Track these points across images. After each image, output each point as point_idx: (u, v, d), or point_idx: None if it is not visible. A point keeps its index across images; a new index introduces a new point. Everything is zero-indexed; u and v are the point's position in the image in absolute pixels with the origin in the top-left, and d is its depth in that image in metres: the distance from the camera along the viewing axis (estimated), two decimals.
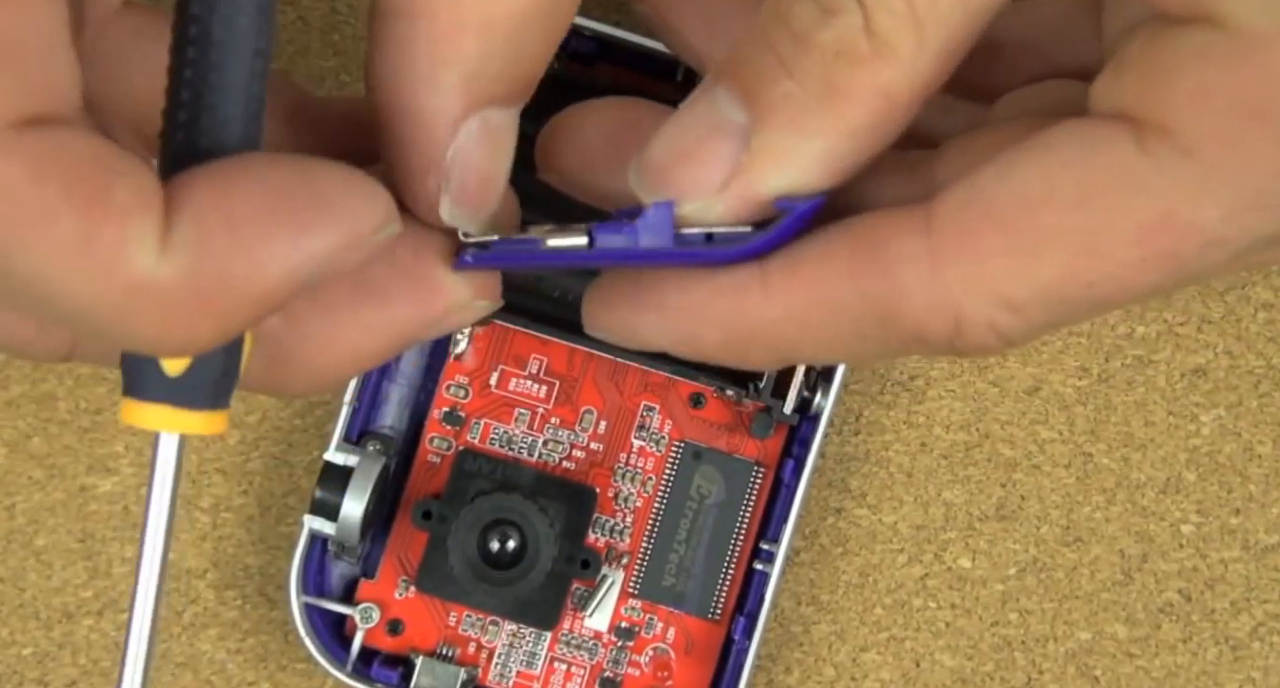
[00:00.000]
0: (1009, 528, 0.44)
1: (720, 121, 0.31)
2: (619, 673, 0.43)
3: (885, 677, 0.44)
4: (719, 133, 0.31)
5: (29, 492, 0.44)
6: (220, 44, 0.29)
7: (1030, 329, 0.31)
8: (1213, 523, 0.44)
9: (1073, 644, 0.44)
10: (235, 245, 0.28)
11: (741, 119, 0.30)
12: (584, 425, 0.43)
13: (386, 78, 0.31)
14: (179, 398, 0.29)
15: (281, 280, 0.28)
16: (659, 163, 0.31)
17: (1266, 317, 0.44)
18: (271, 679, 0.44)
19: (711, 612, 0.43)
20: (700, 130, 0.31)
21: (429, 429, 0.43)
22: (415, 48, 0.30)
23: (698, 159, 0.31)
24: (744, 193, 0.31)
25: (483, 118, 0.31)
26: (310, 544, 0.42)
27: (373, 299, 0.33)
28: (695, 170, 0.31)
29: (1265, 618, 0.44)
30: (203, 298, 0.28)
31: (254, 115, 0.29)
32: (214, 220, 0.28)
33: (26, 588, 0.44)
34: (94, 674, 0.44)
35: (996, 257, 0.30)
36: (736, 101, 0.30)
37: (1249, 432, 0.44)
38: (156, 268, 0.28)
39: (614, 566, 0.43)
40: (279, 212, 0.28)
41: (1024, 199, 0.30)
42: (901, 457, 0.44)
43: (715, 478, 0.43)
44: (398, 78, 0.30)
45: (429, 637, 0.42)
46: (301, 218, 0.28)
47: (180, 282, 0.28)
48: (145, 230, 0.27)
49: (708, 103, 0.31)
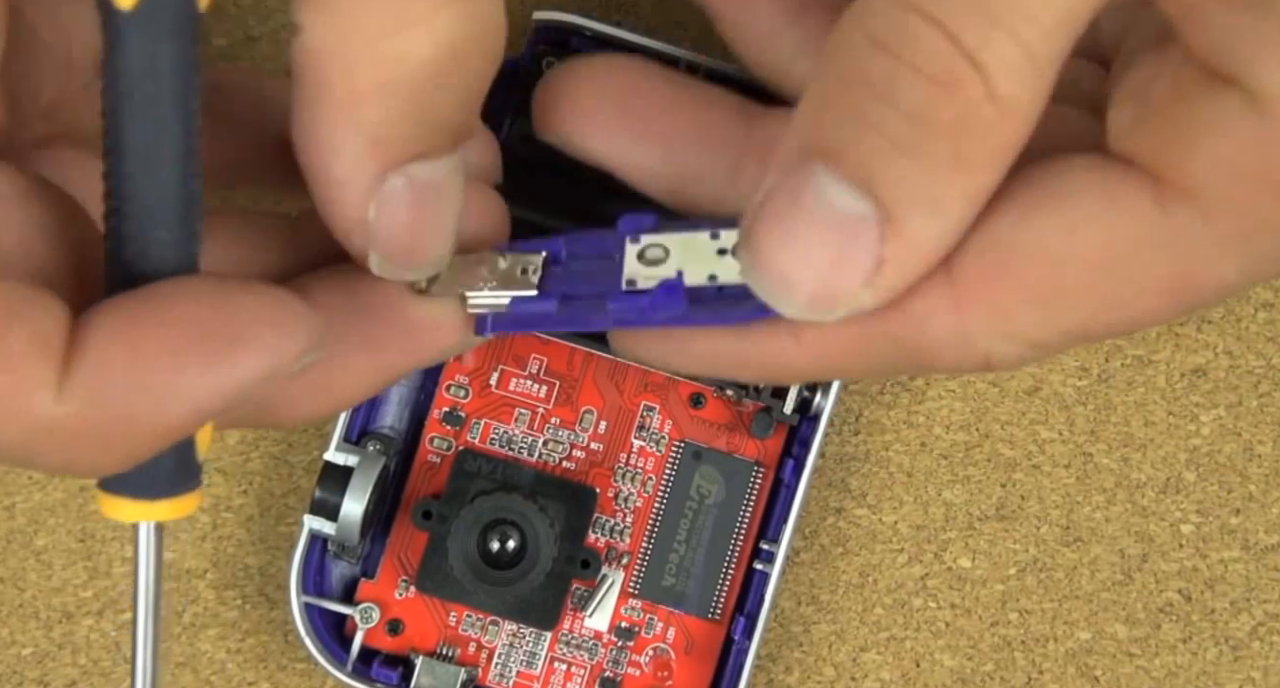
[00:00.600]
0: (1009, 528, 0.44)
1: (841, 217, 0.29)
2: (619, 673, 0.43)
3: (885, 677, 0.44)
4: (846, 230, 0.29)
5: (29, 492, 0.44)
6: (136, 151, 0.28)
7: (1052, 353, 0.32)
8: (1213, 523, 0.44)
9: (1073, 644, 0.44)
10: (135, 384, 0.27)
11: (865, 209, 0.29)
12: (584, 425, 0.43)
13: (300, 144, 0.30)
14: (142, 491, 0.30)
15: (189, 413, 0.28)
16: (793, 277, 0.30)
17: (1266, 317, 0.44)
18: (271, 679, 0.44)
19: (711, 612, 0.43)
20: (823, 230, 0.29)
21: (429, 429, 0.43)
22: (318, 116, 0.29)
23: (836, 266, 0.29)
24: (891, 285, 0.30)
25: (405, 174, 0.30)
26: (310, 544, 0.42)
27: (366, 349, 0.32)
28: (836, 278, 0.29)
29: (1265, 618, 0.44)
30: (101, 434, 0.28)
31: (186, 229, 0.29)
32: (115, 358, 0.27)
33: (26, 588, 0.44)
34: (94, 674, 0.44)
35: (1020, 307, 0.30)
36: (852, 190, 0.29)
37: (1249, 432, 0.44)
38: (54, 409, 0.27)
39: (614, 566, 0.43)
40: (189, 346, 0.28)
41: (1045, 255, 0.30)
42: (901, 457, 0.44)
43: (715, 478, 0.43)
44: (308, 145, 0.30)
45: (429, 637, 0.42)
46: (213, 352, 0.28)
47: (76, 421, 0.27)
48: (42, 375, 0.27)
49: (815, 194, 0.29)
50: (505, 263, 0.33)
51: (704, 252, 0.33)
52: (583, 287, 0.33)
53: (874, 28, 0.29)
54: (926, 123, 0.28)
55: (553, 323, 0.33)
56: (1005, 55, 0.28)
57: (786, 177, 0.29)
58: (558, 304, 0.33)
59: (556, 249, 0.34)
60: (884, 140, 0.28)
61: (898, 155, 0.28)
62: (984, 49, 0.28)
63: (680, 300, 0.32)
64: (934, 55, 0.28)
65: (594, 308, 0.33)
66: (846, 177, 0.29)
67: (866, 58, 0.28)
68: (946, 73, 0.28)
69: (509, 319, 0.33)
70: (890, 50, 0.28)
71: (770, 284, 0.30)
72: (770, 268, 0.30)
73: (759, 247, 0.30)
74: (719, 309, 0.32)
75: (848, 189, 0.29)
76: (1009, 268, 0.30)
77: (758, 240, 0.30)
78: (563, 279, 0.34)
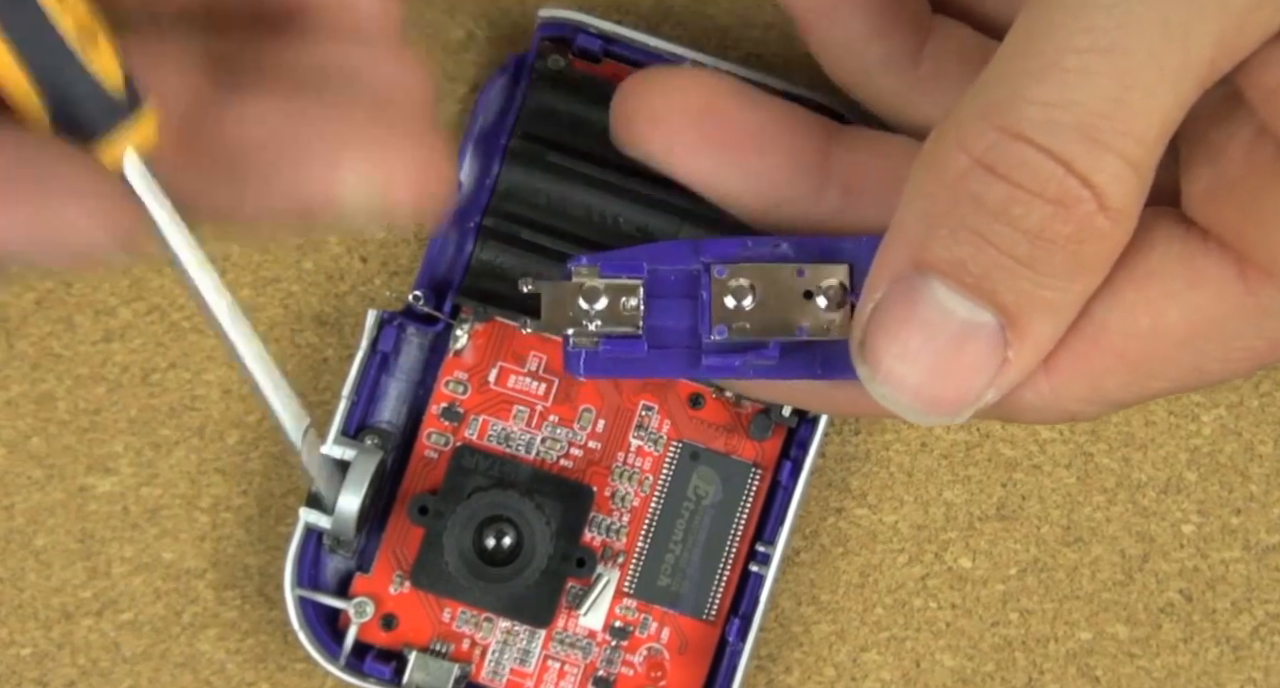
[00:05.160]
0: (1009, 528, 0.44)
1: (963, 327, 0.30)
2: (612, 672, 0.42)
3: (885, 677, 0.44)
4: (970, 338, 0.31)
5: (28, 492, 0.44)
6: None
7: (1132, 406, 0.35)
8: (1213, 523, 0.44)
9: (1073, 644, 0.44)
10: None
11: (988, 318, 0.30)
12: (582, 424, 0.43)
13: None
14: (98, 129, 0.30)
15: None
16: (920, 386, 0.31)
17: None
18: (271, 679, 0.44)
19: (706, 613, 0.42)
20: (946, 341, 0.31)
21: (427, 425, 0.43)
22: None
23: (964, 373, 0.31)
24: (1013, 383, 0.31)
25: None
26: (305, 538, 0.42)
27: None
28: (963, 383, 0.31)
29: (1266, 618, 0.44)
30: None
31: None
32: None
33: (26, 588, 0.44)
34: (93, 674, 0.44)
35: (1109, 376, 0.32)
36: (973, 301, 0.30)
37: (1250, 431, 0.44)
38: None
39: (609, 565, 0.42)
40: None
41: (1134, 330, 0.32)
42: (902, 456, 0.44)
43: (712, 479, 0.43)
44: None
45: (423, 632, 0.42)
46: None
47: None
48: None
49: (933, 307, 0.31)
50: (604, 294, 0.33)
51: (790, 290, 0.33)
52: (669, 321, 0.34)
53: (981, 152, 0.30)
54: (1046, 239, 0.30)
55: (643, 370, 0.34)
56: (1114, 172, 0.29)
57: (898, 288, 0.31)
58: (648, 349, 0.34)
59: (641, 271, 0.34)
60: (1005, 256, 0.30)
61: (1020, 267, 0.30)
62: (1096, 172, 0.29)
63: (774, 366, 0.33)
64: (1049, 180, 0.29)
65: (687, 360, 0.34)
66: (967, 289, 0.30)
67: (979, 181, 0.30)
68: (1062, 195, 0.29)
69: (601, 361, 0.34)
70: (1002, 175, 0.30)
71: (894, 394, 0.31)
72: (893, 379, 0.31)
73: (880, 360, 0.31)
74: (811, 366, 0.34)
75: (967, 299, 0.30)
76: (1100, 342, 0.32)
77: (878, 353, 0.31)
78: (649, 311, 0.34)
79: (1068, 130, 0.29)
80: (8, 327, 0.44)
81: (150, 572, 0.44)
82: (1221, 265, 0.31)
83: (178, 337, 0.44)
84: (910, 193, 0.31)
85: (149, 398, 0.44)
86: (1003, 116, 0.29)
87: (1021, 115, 0.29)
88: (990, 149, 0.30)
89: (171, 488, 0.44)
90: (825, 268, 0.34)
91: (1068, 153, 0.29)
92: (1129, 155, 0.29)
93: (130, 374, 0.44)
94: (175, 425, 0.44)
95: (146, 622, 0.44)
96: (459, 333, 0.42)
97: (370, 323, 0.42)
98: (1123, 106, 0.29)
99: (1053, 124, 0.29)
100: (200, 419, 0.44)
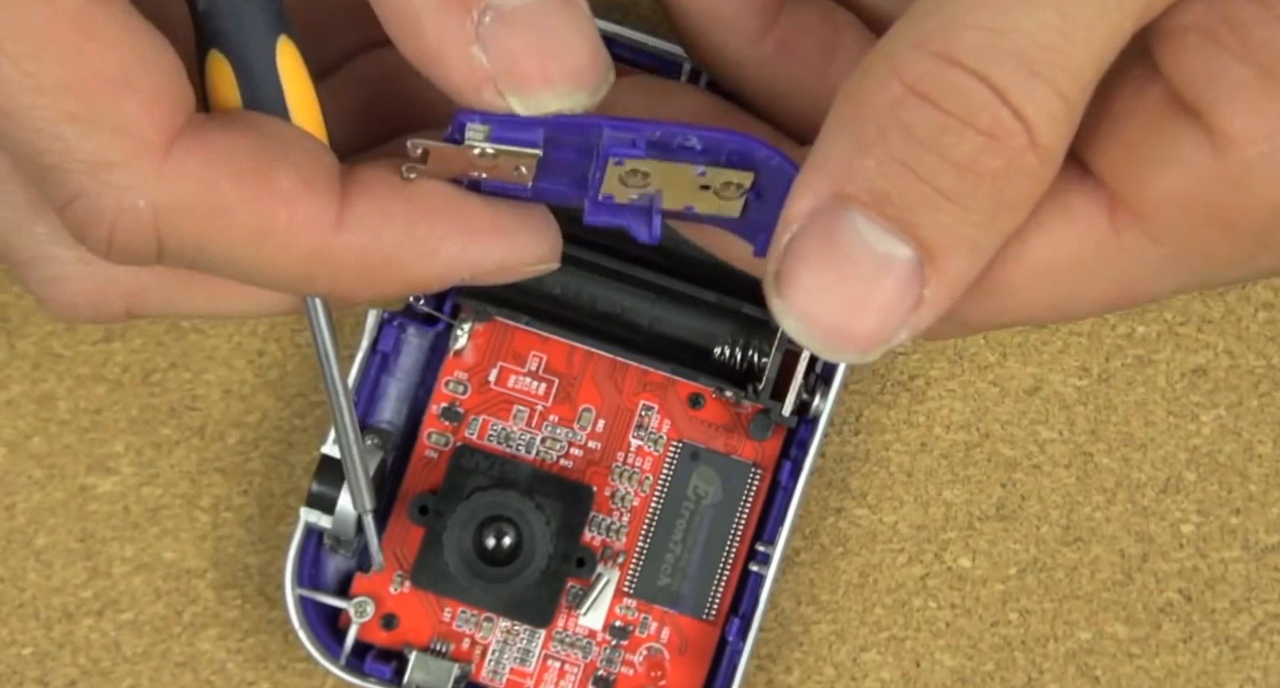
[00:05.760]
0: (1009, 528, 0.44)
1: (881, 260, 0.30)
2: (612, 672, 0.42)
3: (885, 677, 0.44)
4: (887, 273, 0.30)
5: (29, 492, 0.44)
6: None
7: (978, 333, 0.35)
8: (1213, 523, 0.44)
9: (1073, 644, 0.44)
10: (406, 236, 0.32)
11: (907, 253, 0.30)
12: (582, 424, 0.43)
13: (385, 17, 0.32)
14: None
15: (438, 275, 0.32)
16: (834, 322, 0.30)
17: (1267, 316, 0.44)
18: (271, 679, 0.44)
19: (706, 613, 0.42)
20: (863, 272, 0.30)
21: (427, 424, 0.43)
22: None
23: (878, 309, 0.30)
24: (926, 322, 0.30)
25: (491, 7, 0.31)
26: (306, 537, 0.42)
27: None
28: (877, 319, 0.30)
29: (1265, 618, 0.44)
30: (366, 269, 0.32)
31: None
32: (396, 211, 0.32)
33: (26, 588, 0.44)
34: (94, 674, 0.44)
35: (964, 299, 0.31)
36: (893, 235, 0.29)
37: (1249, 431, 0.44)
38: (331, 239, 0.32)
39: (609, 564, 0.42)
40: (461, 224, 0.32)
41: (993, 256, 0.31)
42: (901, 457, 0.44)
43: (712, 479, 0.43)
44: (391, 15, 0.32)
45: (423, 632, 0.42)
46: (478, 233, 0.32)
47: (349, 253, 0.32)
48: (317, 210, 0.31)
49: (852, 238, 0.30)
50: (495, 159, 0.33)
51: (687, 181, 0.32)
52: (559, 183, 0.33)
53: (914, 78, 0.29)
54: (974, 173, 0.29)
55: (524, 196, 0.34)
56: (1046, 106, 0.29)
57: (817, 220, 0.30)
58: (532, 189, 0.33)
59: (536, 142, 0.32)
60: (930, 189, 0.29)
61: (944, 202, 0.29)
62: (1028, 103, 0.29)
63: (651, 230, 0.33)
64: (982, 110, 0.29)
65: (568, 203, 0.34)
66: (888, 221, 0.29)
67: (911, 110, 0.29)
68: (994, 126, 0.29)
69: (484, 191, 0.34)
70: (935, 102, 0.29)
71: (807, 328, 0.30)
72: (807, 313, 0.30)
73: (794, 292, 0.30)
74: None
75: (888, 233, 0.30)
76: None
77: (792, 285, 0.30)
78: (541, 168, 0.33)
79: (1007, 58, 0.28)
80: (9, 327, 0.44)
81: (151, 571, 0.44)
82: (1094, 203, 0.31)
83: (178, 337, 0.44)
84: (836, 118, 0.30)
85: (150, 398, 0.44)
86: (940, 42, 0.29)
87: (960, 40, 0.28)
88: (924, 76, 0.29)
89: (172, 488, 0.44)
90: (728, 171, 0.32)
91: (1004, 81, 0.28)
92: (1064, 91, 0.29)
93: (131, 374, 0.44)
94: (176, 425, 0.44)
95: (147, 621, 0.44)
96: (459, 333, 0.42)
97: (370, 323, 0.42)
98: (1064, 38, 0.28)
99: (991, 49, 0.28)
100: (201, 419, 0.44)
